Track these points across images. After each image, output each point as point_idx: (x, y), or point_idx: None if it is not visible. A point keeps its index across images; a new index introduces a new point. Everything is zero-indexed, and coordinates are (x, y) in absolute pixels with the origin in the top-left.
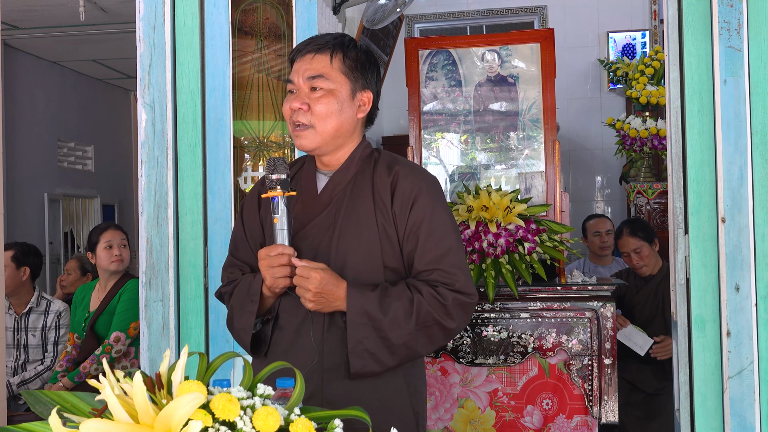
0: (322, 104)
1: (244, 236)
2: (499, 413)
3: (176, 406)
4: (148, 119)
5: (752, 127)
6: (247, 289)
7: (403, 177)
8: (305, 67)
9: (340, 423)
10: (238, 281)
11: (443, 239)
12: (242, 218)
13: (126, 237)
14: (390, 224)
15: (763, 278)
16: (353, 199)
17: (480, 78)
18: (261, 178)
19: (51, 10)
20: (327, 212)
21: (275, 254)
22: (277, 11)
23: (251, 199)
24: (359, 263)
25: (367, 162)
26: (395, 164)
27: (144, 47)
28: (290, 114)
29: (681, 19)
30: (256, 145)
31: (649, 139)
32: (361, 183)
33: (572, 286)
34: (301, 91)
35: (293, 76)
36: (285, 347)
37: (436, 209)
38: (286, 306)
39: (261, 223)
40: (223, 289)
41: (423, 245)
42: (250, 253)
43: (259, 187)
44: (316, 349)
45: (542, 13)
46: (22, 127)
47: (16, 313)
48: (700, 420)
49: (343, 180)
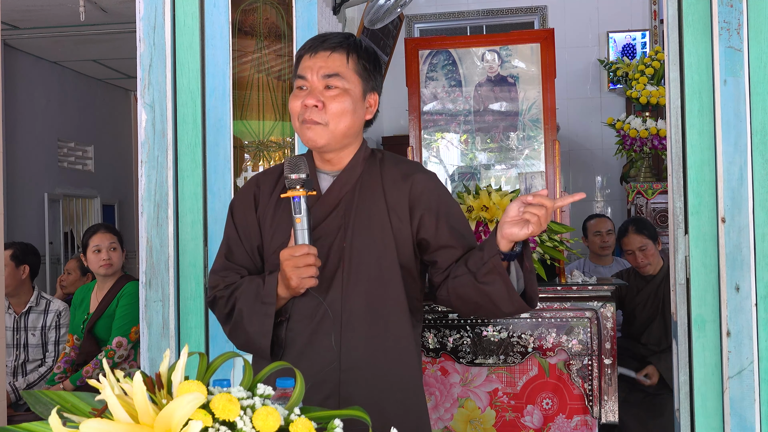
0: (338, 102)
1: (238, 238)
2: (499, 413)
3: (176, 406)
4: (148, 119)
5: (752, 127)
6: (256, 291)
7: (417, 180)
8: (320, 64)
9: (340, 423)
10: (239, 284)
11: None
12: (234, 220)
13: (117, 238)
14: (406, 225)
15: (763, 278)
16: (363, 199)
17: (480, 78)
18: (252, 177)
19: (51, 10)
20: (336, 212)
21: (300, 254)
22: (277, 11)
23: (244, 199)
24: (375, 262)
25: (371, 162)
26: (405, 166)
27: (144, 47)
28: (300, 110)
29: (681, 19)
30: (256, 145)
31: (649, 139)
32: (368, 183)
33: (572, 286)
34: (315, 88)
35: (305, 73)
36: (300, 348)
37: (450, 207)
38: (300, 307)
39: (258, 223)
40: (219, 294)
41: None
42: (245, 256)
43: (254, 189)
44: (335, 350)
45: (542, 13)
46: (22, 127)
47: (15, 313)
48: (700, 420)
49: (350, 180)
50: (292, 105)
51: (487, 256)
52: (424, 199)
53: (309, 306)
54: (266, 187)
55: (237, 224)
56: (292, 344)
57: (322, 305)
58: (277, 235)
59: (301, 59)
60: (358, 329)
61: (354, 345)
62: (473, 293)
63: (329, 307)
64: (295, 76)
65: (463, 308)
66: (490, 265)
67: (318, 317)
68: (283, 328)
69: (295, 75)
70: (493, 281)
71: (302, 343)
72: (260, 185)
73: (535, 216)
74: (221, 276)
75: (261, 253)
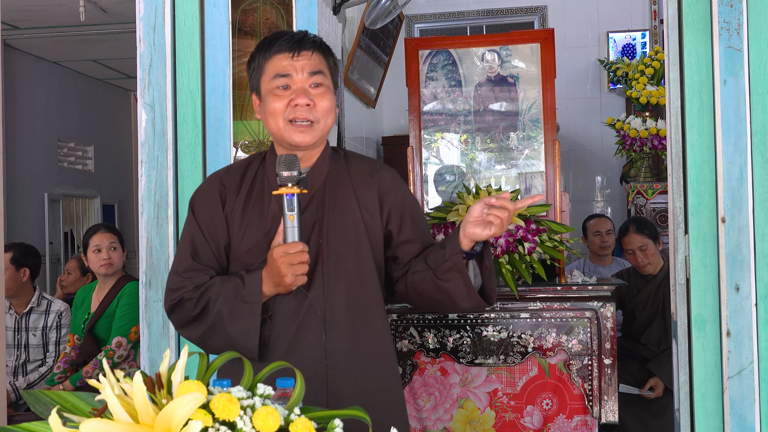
0: (327, 100)
1: (203, 238)
2: (499, 413)
3: (176, 406)
4: (148, 119)
5: (752, 127)
6: (235, 291)
7: (382, 174)
8: (305, 62)
9: (340, 423)
10: (210, 285)
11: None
12: (197, 219)
13: (118, 238)
14: (377, 220)
15: (763, 278)
16: (334, 196)
17: (480, 78)
18: (214, 175)
19: (51, 10)
20: (309, 209)
21: (295, 252)
22: (277, 11)
23: (208, 197)
24: (353, 258)
25: (336, 159)
26: (369, 162)
27: (144, 47)
28: (288, 110)
29: (681, 19)
30: (256, 145)
31: (649, 139)
32: (337, 180)
33: (572, 286)
34: (302, 87)
35: (289, 71)
36: (286, 346)
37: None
38: (284, 305)
39: (226, 221)
40: (187, 296)
41: (421, 230)
42: (211, 256)
43: (219, 186)
44: (325, 346)
45: (542, 13)
46: (22, 127)
47: (16, 313)
48: (700, 420)
49: (320, 177)
50: (276, 105)
51: (448, 254)
52: (391, 195)
53: (292, 303)
54: (232, 185)
55: (201, 223)
56: (277, 342)
57: (304, 302)
58: (248, 234)
59: (273, 59)
60: (341, 324)
61: (338, 340)
62: (432, 289)
63: (313, 300)
64: (277, 76)
65: (420, 303)
66: (451, 263)
67: (302, 314)
68: (267, 327)
69: (266, 74)
70: (452, 278)
71: (287, 341)
72: (225, 183)
73: (498, 218)
74: (185, 277)
75: (227, 253)
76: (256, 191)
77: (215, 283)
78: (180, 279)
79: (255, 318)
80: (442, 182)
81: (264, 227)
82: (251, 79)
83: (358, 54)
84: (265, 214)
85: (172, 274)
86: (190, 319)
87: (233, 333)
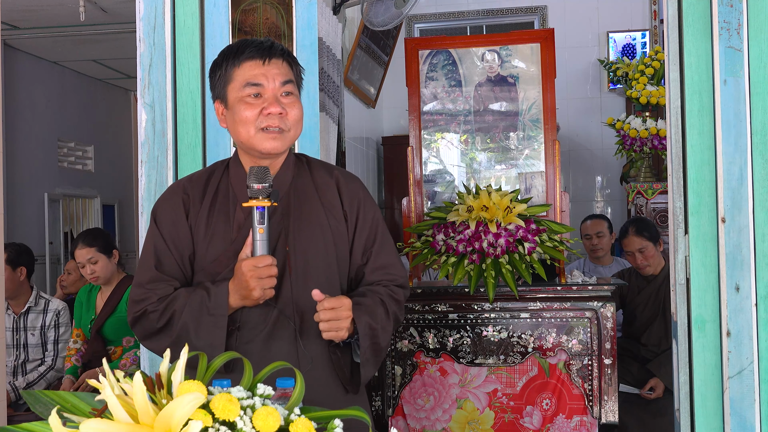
0: (297, 109)
1: (167, 248)
2: (498, 414)
3: (176, 406)
4: (148, 119)
5: (752, 127)
6: (200, 303)
7: (344, 180)
8: (275, 71)
9: (340, 423)
10: (175, 297)
11: (390, 242)
12: (160, 229)
13: (99, 245)
14: (342, 224)
15: (763, 278)
16: (299, 203)
17: (480, 78)
18: (176, 184)
19: (51, 10)
20: (274, 217)
21: (264, 265)
22: (277, 11)
23: (171, 207)
24: (321, 264)
25: (299, 166)
26: (330, 168)
27: (144, 47)
28: (260, 119)
29: (681, 19)
30: None
31: (649, 139)
32: (302, 187)
33: (572, 286)
34: (273, 95)
35: (260, 80)
36: (258, 356)
37: (377, 213)
38: (252, 316)
39: (191, 231)
40: (151, 308)
41: (377, 251)
42: (176, 266)
43: (182, 195)
44: (299, 355)
45: (542, 13)
46: (22, 127)
47: (14, 313)
48: (700, 420)
49: (284, 184)
50: (247, 114)
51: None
52: (356, 202)
53: (259, 313)
54: (195, 194)
55: (164, 233)
56: (246, 352)
57: (271, 311)
58: (214, 243)
59: (243, 66)
60: (313, 330)
61: (309, 346)
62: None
63: (281, 312)
64: (248, 84)
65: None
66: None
67: (270, 323)
68: (234, 338)
69: (234, 82)
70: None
71: (258, 350)
72: (188, 192)
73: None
74: (149, 288)
75: (191, 263)
76: (220, 200)
77: (180, 294)
78: (143, 290)
79: (221, 331)
80: (443, 182)
81: (230, 236)
82: (215, 87)
83: (358, 54)
84: (230, 222)
85: (134, 286)
86: (155, 331)
87: (199, 346)
